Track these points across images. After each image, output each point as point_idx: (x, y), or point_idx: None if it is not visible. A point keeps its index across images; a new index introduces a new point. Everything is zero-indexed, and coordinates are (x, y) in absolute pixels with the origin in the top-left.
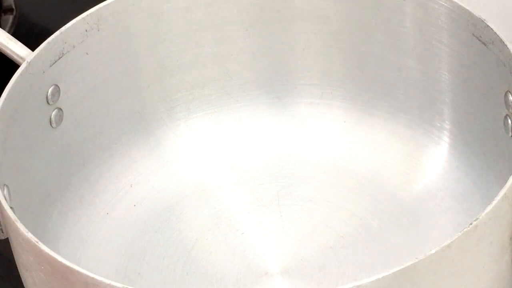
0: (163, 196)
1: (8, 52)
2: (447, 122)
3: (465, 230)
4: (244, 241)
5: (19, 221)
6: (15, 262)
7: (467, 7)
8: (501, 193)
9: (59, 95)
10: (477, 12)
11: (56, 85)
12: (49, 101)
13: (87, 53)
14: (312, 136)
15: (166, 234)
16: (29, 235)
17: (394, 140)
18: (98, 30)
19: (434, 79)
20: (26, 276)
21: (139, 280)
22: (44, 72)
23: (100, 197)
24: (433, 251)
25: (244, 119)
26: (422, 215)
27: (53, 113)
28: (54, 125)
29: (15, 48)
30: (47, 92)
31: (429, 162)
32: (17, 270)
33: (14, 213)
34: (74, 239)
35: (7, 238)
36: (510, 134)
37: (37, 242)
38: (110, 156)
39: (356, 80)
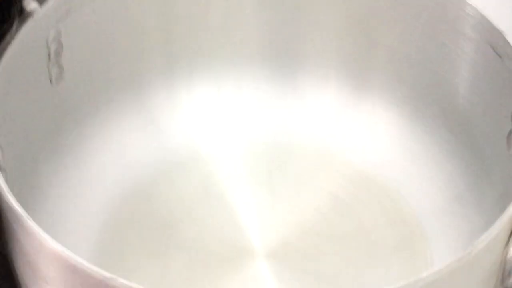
0: (155, 161)
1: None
2: (449, 126)
3: (459, 257)
4: (234, 215)
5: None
6: (15, 262)
7: (487, 16)
8: (498, 222)
9: (62, 52)
10: (497, 23)
11: (60, 42)
12: (51, 58)
13: (94, 12)
14: (313, 115)
15: (156, 203)
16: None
17: (394, 137)
18: None
19: (443, 79)
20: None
21: (125, 250)
22: (49, 28)
23: (92, 159)
24: (424, 275)
25: (245, 91)
26: (420, 216)
27: (54, 70)
28: (54, 82)
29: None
30: (51, 49)
31: (429, 164)
32: (17, 270)
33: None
34: (62, 199)
35: (7, 238)
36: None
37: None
38: (105, 118)
39: (364, 65)
